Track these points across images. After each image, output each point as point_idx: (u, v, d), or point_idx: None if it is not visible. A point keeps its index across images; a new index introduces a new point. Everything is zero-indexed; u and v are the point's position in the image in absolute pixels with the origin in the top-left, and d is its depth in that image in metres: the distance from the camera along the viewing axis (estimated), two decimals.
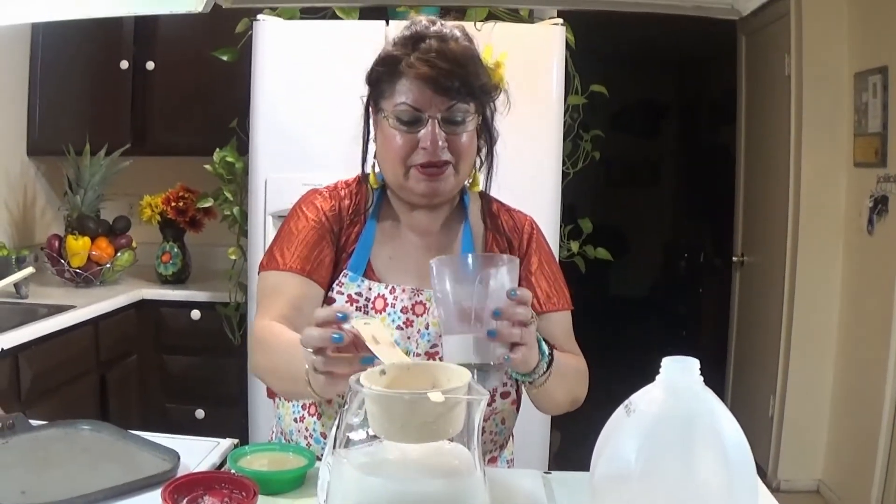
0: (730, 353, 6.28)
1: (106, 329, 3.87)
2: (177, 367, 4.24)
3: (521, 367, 1.69)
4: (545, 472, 1.89)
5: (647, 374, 1.31)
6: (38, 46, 4.52)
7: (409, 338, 1.89)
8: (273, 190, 3.64)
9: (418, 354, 1.87)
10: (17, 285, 3.72)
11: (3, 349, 3.17)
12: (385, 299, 1.91)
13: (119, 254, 4.29)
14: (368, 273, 1.94)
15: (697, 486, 1.21)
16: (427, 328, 1.89)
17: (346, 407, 1.19)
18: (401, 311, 1.90)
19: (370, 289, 1.92)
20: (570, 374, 1.90)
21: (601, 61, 4.89)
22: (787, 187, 5.15)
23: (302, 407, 1.98)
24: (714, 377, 1.25)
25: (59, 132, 4.44)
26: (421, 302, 1.90)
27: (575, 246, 4.28)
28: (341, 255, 1.97)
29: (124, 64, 4.44)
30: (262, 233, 3.65)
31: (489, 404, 1.86)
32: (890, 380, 4.34)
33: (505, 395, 1.94)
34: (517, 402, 2.00)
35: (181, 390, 4.23)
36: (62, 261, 4.15)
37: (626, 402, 1.28)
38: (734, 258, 6.12)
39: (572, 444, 4.55)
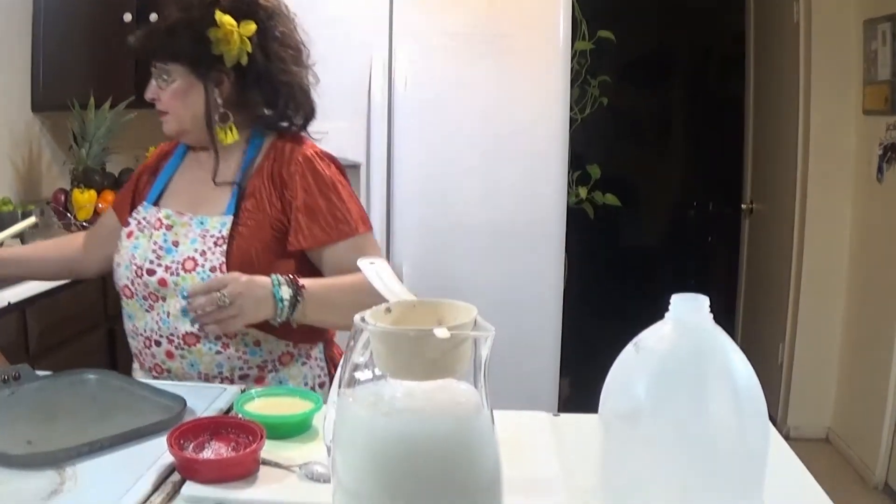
0: (739, 300, 6.28)
1: (112, 283, 3.85)
2: None
3: (229, 330, 2.02)
4: (554, 415, 1.90)
5: (656, 320, 1.29)
6: (41, 1, 4.48)
7: (149, 250, 2.15)
8: None
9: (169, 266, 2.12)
10: (22, 239, 3.71)
11: (9, 303, 3.17)
12: (161, 221, 2.18)
13: None
14: (158, 201, 2.26)
15: (708, 425, 1.19)
16: (175, 245, 2.13)
17: (351, 345, 1.17)
18: (166, 228, 2.16)
19: (151, 215, 2.21)
20: (344, 298, 2.04)
21: (608, 8, 4.84)
22: (797, 135, 5.12)
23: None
24: (723, 324, 1.24)
25: (63, 87, 4.42)
26: (160, 218, 2.19)
27: (583, 192, 4.26)
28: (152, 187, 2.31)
29: (127, 16, 4.40)
30: None
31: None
32: None
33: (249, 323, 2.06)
34: (276, 330, 2.10)
35: None
36: (68, 214, 4.15)
37: (636, 339, 1.26)
38: (743, 206, 6.10)
39: (581, 389, 4.57)
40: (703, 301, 1.23)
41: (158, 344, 2.14)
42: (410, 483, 1.13)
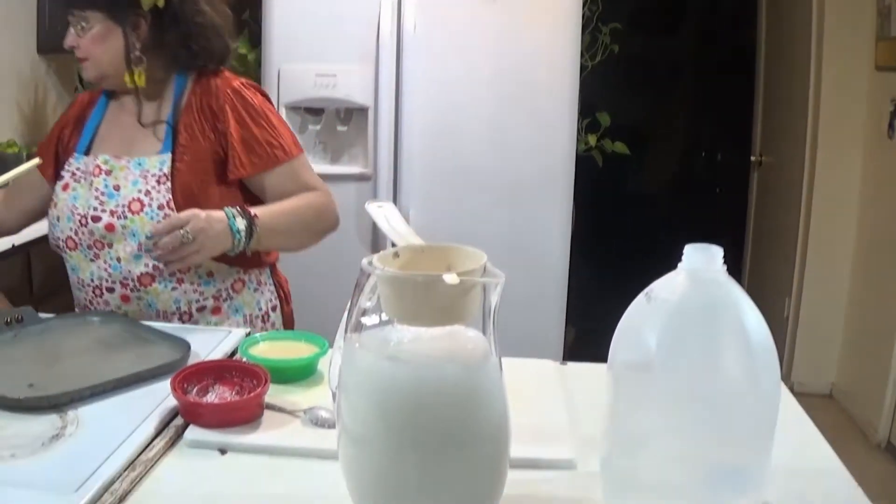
0: (746, 253, 6.26)
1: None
2: None
3: (191, 265, 2.13)
4: (560, 363, 1.89)
5: (663, 269, 1.26)
6: None
7: (89, 196, 2.16)
8: (286, 80, 3.62)
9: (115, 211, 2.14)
10: None
11: (13, 245, 3.15)
12: (100, 167, 2.18)
13: None
14: (90, 150, 2.26)
15: (720, 378, 1.17)
16: (117, 189, 2.15)
17: (359, 289, 1.15)
18: (105, 174, 2.17)
19: (87, 164, 2.21)
20: (293, 221, 2.24)
21: None
22: (808, 89, 5.08)
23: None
24: (730, 277, 1.21)
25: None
26: (98, 165, 2.19)
27: (593, 139, 4.24)
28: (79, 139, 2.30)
29: None
30: None
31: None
32: None
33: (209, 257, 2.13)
34: (226, 258, 2.19)
35: None
36: None
37: (647, 289, 1.23)
38: (752, 158, 6.06)
39: (587, 338, 4.55)
40: (717, 252, 1.20)
41: (111, 290, 2.17)
42: (417, 430, 1.11)
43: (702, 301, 1.19)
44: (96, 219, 2.13)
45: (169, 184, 2.14)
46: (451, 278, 1.07)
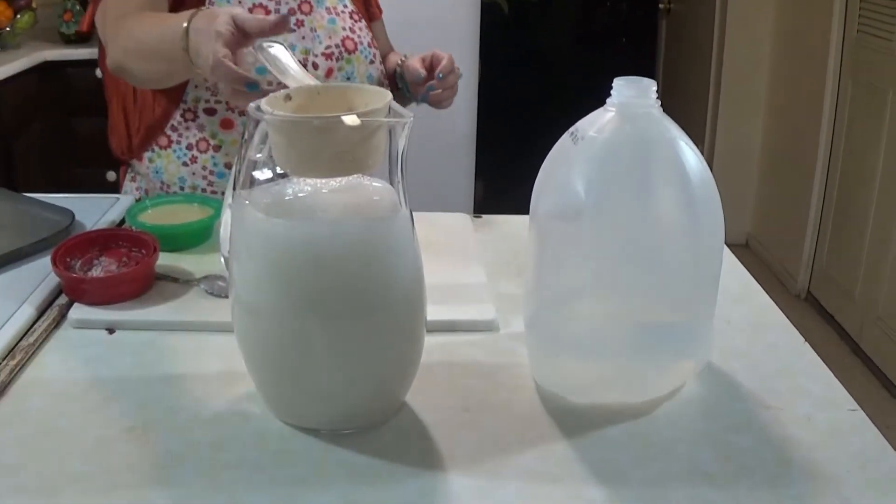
0: None
1: (7, 95, 3.65)
2: (85, 130, 3.99)
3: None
4: (474, 216, 1.80)
5: (567, 122, 1.15)
6: None
7: (303, 37, 1.83)
8: None
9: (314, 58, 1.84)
10: None
11: None
12: (309, 2, 1.85)
13: (18, 16, 4.00)
14: None
15: (658, 226, 1.06)
16: (315, 31, 1.85)
17: (246, 140, 1.00)
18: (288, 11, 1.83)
19: None
20: None
21: None
22: None
23: (188, 148, 1.86)
24: (664, 112, 1.10)
25: None
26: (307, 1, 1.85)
27: None
28: None
29: None
30: None
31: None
32: (824, 129, 4.25)
33: None
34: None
35: (91, 154, 4.02)
36: None
37: (572, 129, 1.11)
38: (660, 6, 5.94)
39: (496, 193, 4.45)
40: (649, 85, 1.10)
41: None
42: (319, 296, 0.98)
43: (634, 138, 1.08)
44: (315, 65, 1.84)
45: (363, 22, 1.99)
46: (351, 119, 0.93)
